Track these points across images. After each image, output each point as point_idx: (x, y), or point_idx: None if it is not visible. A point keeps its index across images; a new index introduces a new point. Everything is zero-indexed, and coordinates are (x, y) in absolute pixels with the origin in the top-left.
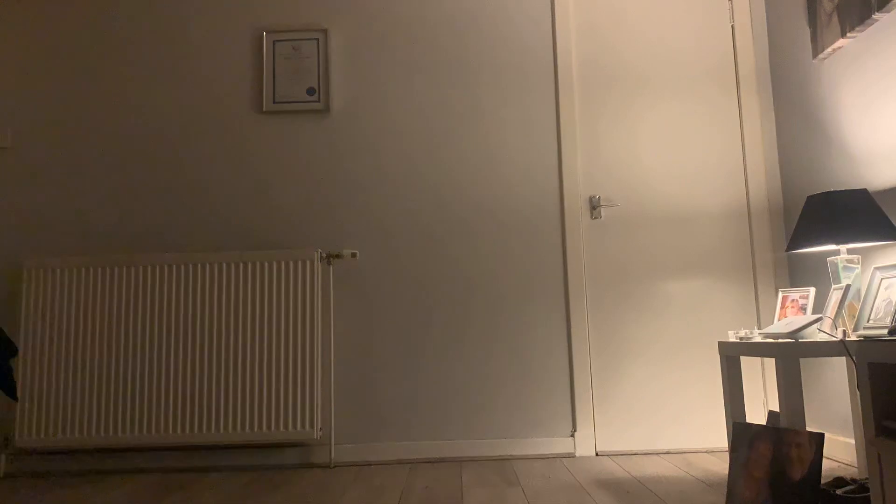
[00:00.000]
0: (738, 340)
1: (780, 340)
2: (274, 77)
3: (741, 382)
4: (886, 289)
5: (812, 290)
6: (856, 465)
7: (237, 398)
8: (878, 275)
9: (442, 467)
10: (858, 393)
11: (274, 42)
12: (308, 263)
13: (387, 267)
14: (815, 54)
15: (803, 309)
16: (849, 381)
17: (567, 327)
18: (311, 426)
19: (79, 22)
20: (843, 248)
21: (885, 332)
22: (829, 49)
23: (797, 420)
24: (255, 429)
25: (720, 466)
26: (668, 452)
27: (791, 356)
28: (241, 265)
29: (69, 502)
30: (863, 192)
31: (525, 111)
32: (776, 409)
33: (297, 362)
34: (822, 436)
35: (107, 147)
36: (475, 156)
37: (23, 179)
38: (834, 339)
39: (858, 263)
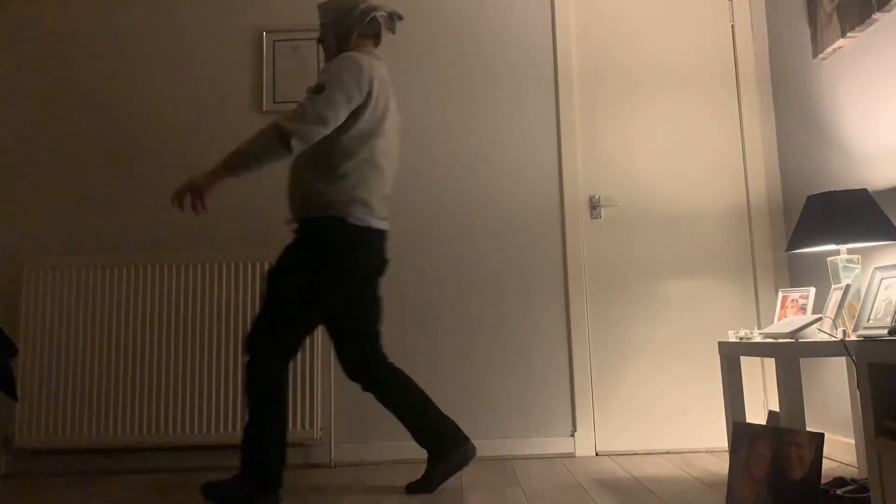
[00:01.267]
0: (738, 340)
1: (780, 340)
2: (274, 77)
3: (741, 382)
4: (886, 289)
5: (812, 290)
6: (856, 465)
7: (237, 398)
8: (878, 275)
9: None
10: (858, 393)
11: (274, 42)
12: None
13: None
14: (815, 54)
15: (803, 309)
16: (849, 381)
17: (567, 327)
18: (311, 426)
19: (79, 21)
20: (843, 248)
21: (885, 332)
22: (829, 49)
23: (797, 420)
24: None
25: (720, 466)
26: (668, 452)
27: (791, 356)
28: (242, 265)
29: (69, 502)
30: (863, 192)
31: (525, 111)
32: (776, 409)
33: (297, 362)
34: (822, 436)
35: (107, 147)
36: (476, 156)
37: (23, 179)
38: (834, 339)
39: (858, 263)
